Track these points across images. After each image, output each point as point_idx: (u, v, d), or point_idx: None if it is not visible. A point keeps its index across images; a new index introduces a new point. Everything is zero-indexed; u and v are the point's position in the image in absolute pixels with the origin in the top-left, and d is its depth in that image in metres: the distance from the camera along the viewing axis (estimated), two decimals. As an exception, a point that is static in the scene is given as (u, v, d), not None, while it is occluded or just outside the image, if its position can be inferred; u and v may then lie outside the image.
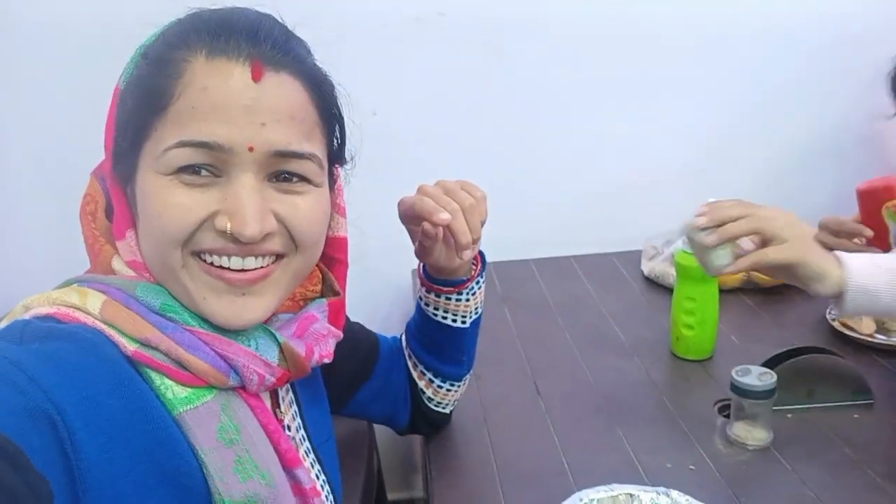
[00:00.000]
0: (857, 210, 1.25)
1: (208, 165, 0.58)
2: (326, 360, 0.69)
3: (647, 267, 1.53)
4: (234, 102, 0.58)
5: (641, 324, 1.34)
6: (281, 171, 0.61)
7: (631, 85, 1.65)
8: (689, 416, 1.04)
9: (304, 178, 0.62)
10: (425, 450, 1.01)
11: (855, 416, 1.03)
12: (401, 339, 0.97)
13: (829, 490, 0.88)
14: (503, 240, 1.49)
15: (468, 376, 0.98)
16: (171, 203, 0.58)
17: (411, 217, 0.83)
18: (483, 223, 0.84)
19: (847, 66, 1.62)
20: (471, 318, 0.92)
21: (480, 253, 0.91)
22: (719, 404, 1.06)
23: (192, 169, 0.58)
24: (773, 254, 0.87)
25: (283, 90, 0.60)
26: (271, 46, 0.59)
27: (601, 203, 1.70)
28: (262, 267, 0.62)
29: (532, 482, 0.93)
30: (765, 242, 0.89)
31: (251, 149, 0.58)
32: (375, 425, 1.42)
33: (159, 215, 0.59)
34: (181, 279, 0.61)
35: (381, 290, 1.65)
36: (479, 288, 0.92)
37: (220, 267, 0.60)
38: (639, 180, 1.68)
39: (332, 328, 0.71)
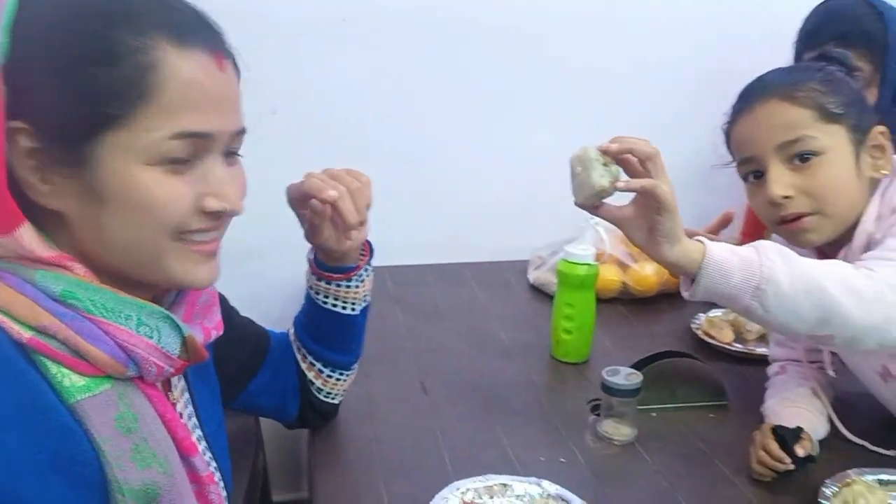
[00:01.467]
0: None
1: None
2: (217, 334, 0.71)
3: (532, 276, 1.61)
4: (218, 92, 0.62)
5: (525, 329, 1.41)
6: (232, 150, 0.66)
7: (528, 100, 1.73)
8: (563, 415, 1.11)
9: (238, 154, 0.68)
10: (311, 444, 1.03)
11: (711, 415, 1.12)
12: (289, 332, 0.99)
13: (683, 480, 0.96)
14: (399, 244, 1.54)
15: (356, 365, 1.02)
16: (162, 192, 0.60)
17: (299, 199, 0.87)
18: (368, 207, 0.88)
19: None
20: (360, 305, 0.95)
21: (369, 242, 0.95)
22: (591, 403, 1.13)
23: (181, 158, 0.61)
24: (663, 187, 0.84)
25: (234, 77, 0.65)
26: (221, 35, 0.65)
27: (496, 213, 1.77)
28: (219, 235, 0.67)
29: (413, 475, 0.96)
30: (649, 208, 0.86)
31: (230, 134, 0.64)
32: (263, 424, 1.43)
33: (150, 205, 0.60)
34: (164, 262, 0.63)
35: (276, 290, 1.65)
36: (368, 276, 0.96)
37: (202, 242, 0.64)
38: (530, 192, 1.76)
39: (210, 291, 0.74)
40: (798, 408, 1.03)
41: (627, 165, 0.87)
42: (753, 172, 0.98)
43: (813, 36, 1.37)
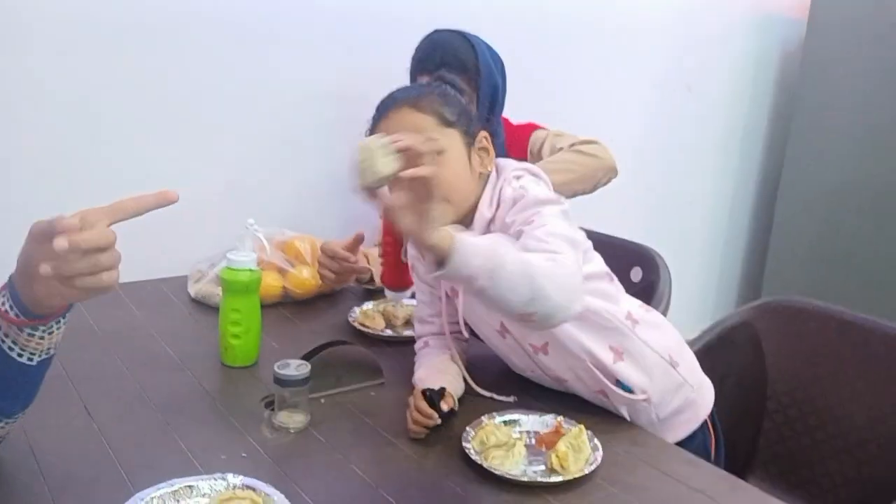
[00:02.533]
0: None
1: None
2: None
3: (193, 289, 1.62)
4: None
5: (191, 341, 1.42)
6: None
7: (176, 117, 1.74)
8: (239, 414, 1.16)
9: None
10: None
11: (372, 393, 1.26)
12: None
13: (353, 450, 1.08)
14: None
15: (21, 415, 0.94)
16: None
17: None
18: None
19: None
20: (39, 357, 0.88)
21: None
22: (265, 400, 1.20)
23: None
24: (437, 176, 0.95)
25: None
26: None
27: (145, 231, 1.72)
28: None
29: (89, 498, 0.94)
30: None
31: None
32: None
33: None
34: None
35: None
36: (59, 329, 0.88)
37: None
38: (182, 207, 1.75)
39: None
40: (440, 373, 1.22)
41: (406, 159, 0.97)
42: None
43: (423, 63, 1.63)
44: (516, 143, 1.70)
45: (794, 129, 2.88)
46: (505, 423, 1.14)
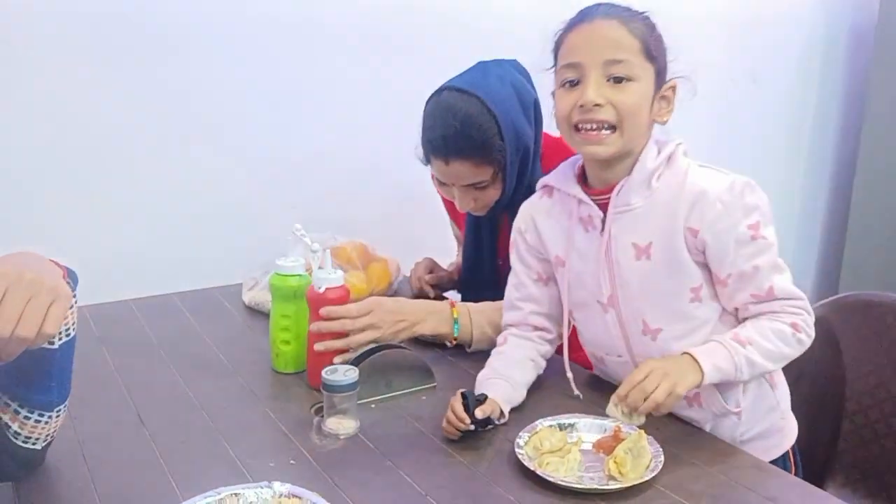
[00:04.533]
0: None
1: None
2: None
3: (247, 297, 1.62)
4: None
5: (244, 348, 1.41)
6: None
7: (222, 127, 1.76)
8: (288, 420, 1.15)
9: None
10: (16, 498, 0.94)
11: (423, 397, 1.23)
12: None
13: (403, 457, 1.05)
14: (95, 281, 1.46)
15: (62, 408, 0.94)
16: None
17: None
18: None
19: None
20: (59, 339, 0.87)
21: (72, 272, 0.87)
22: (315, 406, 1.18)
23: None
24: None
25: None
26: None
27: (198, 238, 1.76)
28: None
29: (138, 505, 0.93)
30: None
31: None
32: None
33: None
34: None
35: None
36: (71, 308, 0.87)
37: None
38: (231, 213, 1.79)
39: None
40: (499, 379, 1.18)
41: None
42: (571, 81, 1.09)
43: (432, 144, 1.38)
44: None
45: (869, 115, 2.73)
46: (560, 427, 1.09)
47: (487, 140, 1.34)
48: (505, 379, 1.18)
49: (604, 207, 1.14)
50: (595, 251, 1.16)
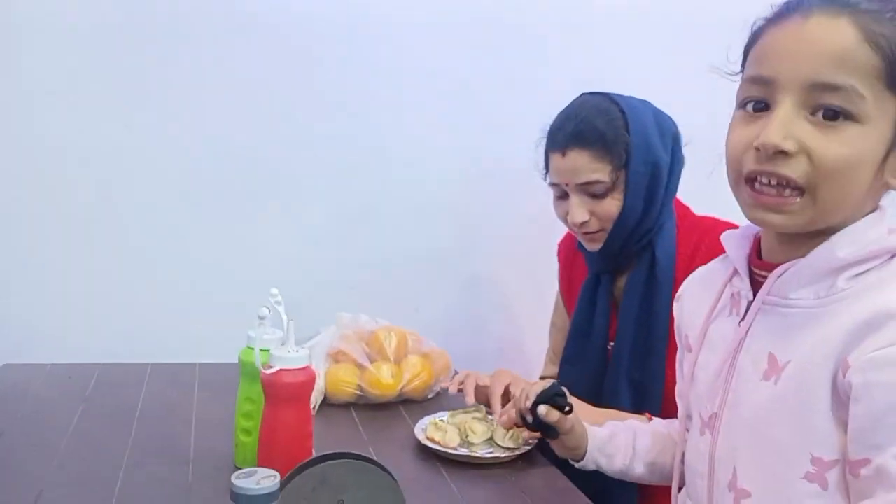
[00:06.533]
0: None
1: None
2: None
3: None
4: None
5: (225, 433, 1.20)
6: None
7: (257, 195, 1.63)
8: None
9: None
10: None
11: (388, 532, 0.94)
12: None
13: None
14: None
15: None
16: None
17: None
18: None
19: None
20: None
21: None
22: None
23: None
24: None
25: None
26: None
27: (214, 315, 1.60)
28: None
29: None
30: None
31: None
32: None
33: None
34: None
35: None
36: None
37: None
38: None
39: None
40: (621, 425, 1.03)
41: None
42: (756, 101, 0.74)
43: (552, 137, 1.30)
44: (705, 250, 1.23)
45: None
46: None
47: (611, 132, 1.24)
48: (629, 429, 1.02)
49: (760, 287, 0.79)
50: (725, 344, 0.82)
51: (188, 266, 1.57)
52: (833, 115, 0.69)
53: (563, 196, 1.30)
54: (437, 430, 1.21)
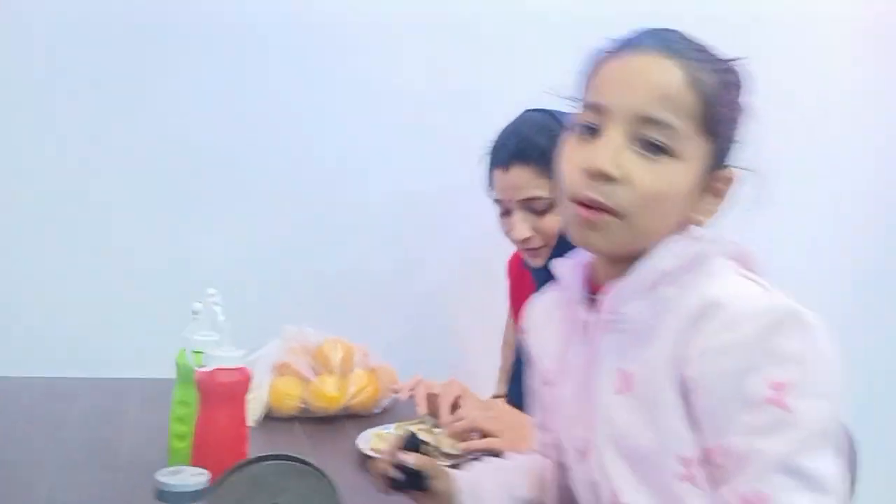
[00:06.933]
0: None
1: None
2: None
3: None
4: None
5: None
6: None
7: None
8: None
9: None
10: None
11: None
12: None
13: None
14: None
15: None
16: None
17: None
18: None
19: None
20: None
21: None
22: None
23: None
24: None
25: None
26: None
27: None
28: None
29: None
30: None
31: None
32: None
33: None
34: None
35: None
36: None
37: None
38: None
39: None
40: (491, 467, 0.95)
41: None
42: (590, 126, 0.77)
43: (494, 154, 1.32)
44: None
45: None
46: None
47: (552, 148, 1.13)
48: (499, 469, 0.94)
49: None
50: (579, 371, 0.83)
51: (126, 278, 1.56)
52: (655, 148, 0.74)
53: (506, 212, 1.32)
54: (381, 440, 1.20)
